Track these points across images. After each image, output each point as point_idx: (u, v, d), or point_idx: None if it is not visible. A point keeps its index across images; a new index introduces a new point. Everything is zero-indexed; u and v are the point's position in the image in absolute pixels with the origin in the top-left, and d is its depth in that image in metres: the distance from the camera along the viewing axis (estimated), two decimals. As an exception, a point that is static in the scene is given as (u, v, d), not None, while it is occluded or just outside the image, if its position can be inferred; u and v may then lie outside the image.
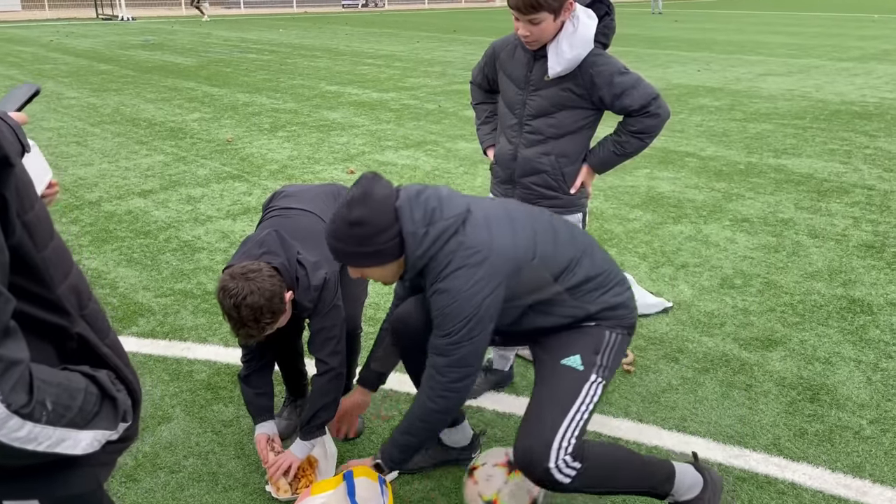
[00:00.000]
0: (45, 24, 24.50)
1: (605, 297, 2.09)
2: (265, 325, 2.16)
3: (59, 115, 8.73)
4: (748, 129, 8.04)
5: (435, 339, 1.98)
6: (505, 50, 2.63)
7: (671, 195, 5.66)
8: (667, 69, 13.12)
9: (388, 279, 2.06)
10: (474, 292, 1.91)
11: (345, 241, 1.93)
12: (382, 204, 1.91)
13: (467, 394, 2.03)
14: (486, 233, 1.95)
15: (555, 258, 2.03)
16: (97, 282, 4.04)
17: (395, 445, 2.09)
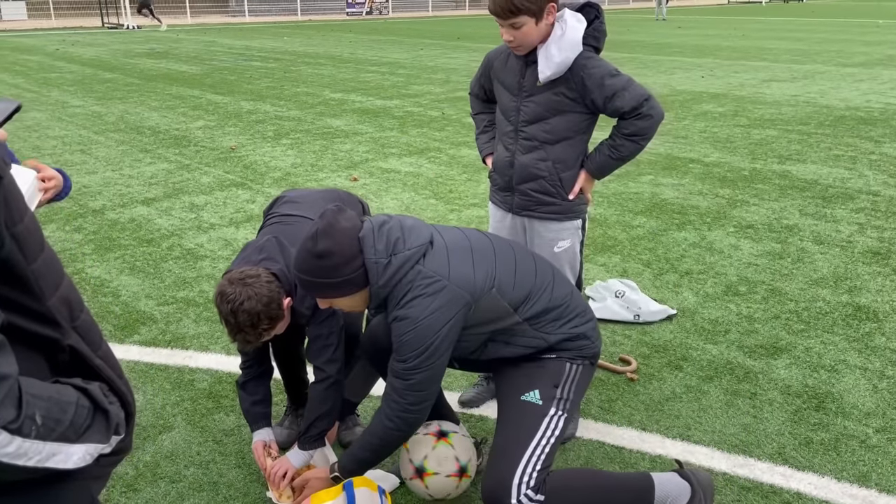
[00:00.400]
0: (51, 33, 24.63)
1: (564, 328, 2.15)
2: (262, 331, 2.16)
3: (64, 124, 8.76)
4: (752, 135, 8.02)
5: (394, 362, 2.05)
6: (498, 59, 2.66)
7: (675, 202, 5.64)
8: (671, 75, 13.12)
9: (355, 309, 2.13)
10: (432, 321, 1.97)
11: (312, 273, 2.00)
12: (346, 235, 1.98)
13: (423, 416, 2.10)
14: (445, 263, 2.02)
15: (514, 289, 2.09)
16: (100, 290, 4.04)
17: (353, 459, 2.18)
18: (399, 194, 5.88)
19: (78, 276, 4.23)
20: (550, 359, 2.14)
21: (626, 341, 3.46)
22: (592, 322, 2.24)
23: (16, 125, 8.65)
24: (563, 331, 2.15)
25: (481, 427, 2.82)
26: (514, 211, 2.71)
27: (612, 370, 3.19)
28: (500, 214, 2.79)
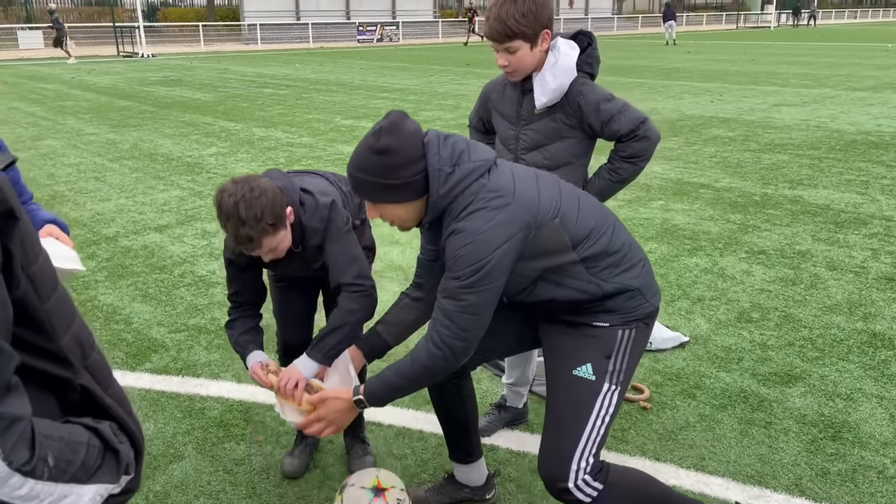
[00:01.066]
0: (67, 62, 25.02)
1: (620, 276, 1.99)
2: (266, 227, 2.08)
3: (79, 151, 8.87)
4: (763, 159, 8.01)
5: (446, 282, 1.89)
6: (495, 90, 2.70)
7: (686, 227, 5.63)
8: (680, 100, 13.16)
9: (406, 222, 1.99)
10: (491, 235, 1.84)
11: (368, 171, 1.88)
12: (411, 137, 1.88)
13: (472, 347, 1.94)
14: (510, 181, 1.91)
15: (576, 224, 1.95)
16: (112, 317, 4.06)
17: (385, 384, 2.00)
18: (410, 220, 5.90)
19: (91, 304, 4.25)
20: (602, 327, 2.00)
21: (639, 369, 3.43)
22: (650, 277, 2.07)
23: (32, 153, 8.77)
24: (619, 280, 1.99)
25: (493, 457, 2.80)
26: None
27: (625, 398, 3.16)
28: None
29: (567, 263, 1.96)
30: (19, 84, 17.32)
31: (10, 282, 0.87)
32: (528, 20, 2.35)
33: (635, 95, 13.72)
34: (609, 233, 2.01)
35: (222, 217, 2.08)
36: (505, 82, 2.64)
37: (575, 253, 1.95)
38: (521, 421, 3.03)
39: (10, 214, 0.88)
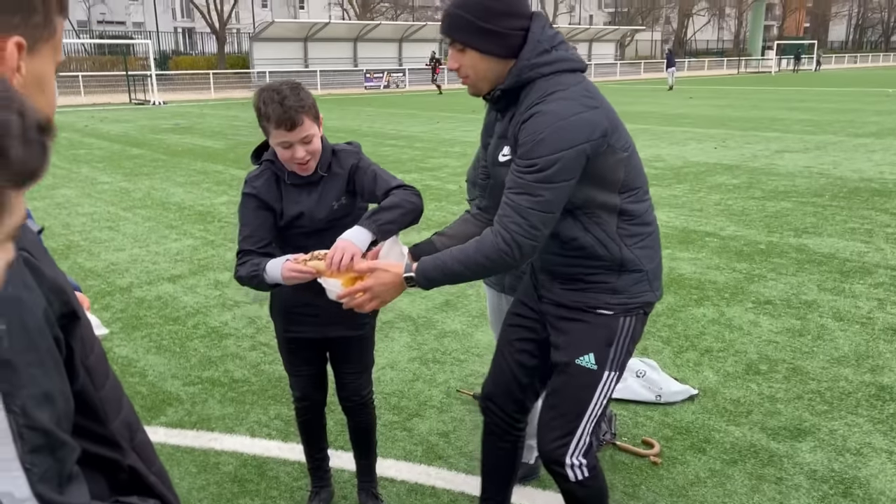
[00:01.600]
0: (80, 110, 25.51)
1: (640, 251, 2.03)
2: (309, 106, 2.20)
3: (93, 200, 9.02)
4: (767, 207, 8.10)
5: (519, 175, 1.85)
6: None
7: (692, 276, 5.69)
8: (684, 146, 13.32)
9: (481, 80, 1.96)
10: (576, 127, 1.82)
11: (470, 9, 1.86)
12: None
13: (538, 247, 1.92)
14: (598, 91, 1.93)
15: (634, 171, 1.99)
16: (127, 370, 4.11)
17: (439, 266, 1.96)
18: (419, 270, 5.97)
19: (107, 356, 4.31)
20: (605, 315, 2.04)
21: (649, 423, 3.46)
22: (660, 270, 2.12)
23: (46, 202, 8.92)
24: (637, 254, 2.02)
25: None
26: (506, 291, 2.82)
27: (636, 453, 3.19)
28: (494, 294, 2.91)
29: (606, 206, 1.97)
30: (34, 132, 17.64)
31: (72, 375, 0.94)
32: None
33: (640, 142, 13.90)
34: (648, 203, 2.06)
35: (266, 93, 2.21)
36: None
37: (619, 198, 1.97)
38: (534, 477, 3.05)
39: (73, 315, 0.96)
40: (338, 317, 2.54)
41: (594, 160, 1.88)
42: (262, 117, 2.27)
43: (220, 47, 46.21)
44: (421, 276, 1.97)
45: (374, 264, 2.04)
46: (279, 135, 2.24)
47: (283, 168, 2.38)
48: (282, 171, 2.39)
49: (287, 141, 2.26)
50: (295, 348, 2.63)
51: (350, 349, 2.63)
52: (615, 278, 2.03)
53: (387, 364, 4.15)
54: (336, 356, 2.68)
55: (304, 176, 2.37)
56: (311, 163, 2.33)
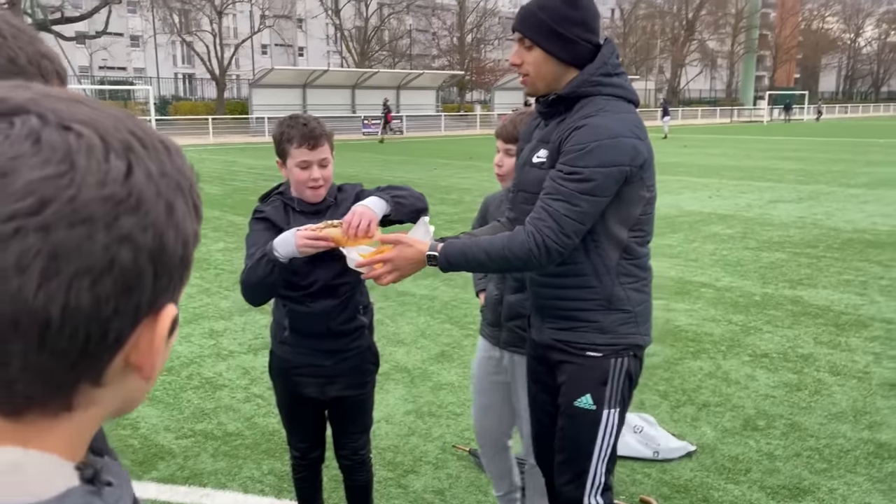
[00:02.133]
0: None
1: (632, 292, 2.08)
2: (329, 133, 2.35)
3: (89, 246, 9.02)
4: (762, 258, 8.15)
5: (561, 182, 1.89)
6: (493, 203, 2.88)
7: (688, 328, 5.69)
8: (678, 195, 13.44)
9: (540, 79, 2.02)
10: (624, 146, 1.89)
11: (547, 11, 1.94)
12: (597, 15, 2.01)
13: (563, 257, 1.96)
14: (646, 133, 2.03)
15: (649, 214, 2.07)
16: (119, 422, 4.07)
17: (462, 252, 2.00)
18: (414, 318, 5.96)
19: (98, 407, 4.26)
20: (594, 357, 2.08)
21: (647, 480, 3.42)
22: (649, 315, 2.19)
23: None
24: (628, 295, 2.07)
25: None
26: (502, 345, 2.84)
27: (634, 513, 3.14)
28: (489, 347, 2.93)
29: (614, 238, 2.02)
30: (32, 176, 17.73)
31: None
32: None
33: (634, 191, 14.01)
34: (649, 251, 2.15)
35: (289, 120, 2.34)
36: (502, 196, 2.77)
37: (627, 234, 2.03)
38: (531, 536, 3.00)
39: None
40: (340, 376, 2.54)
41: (624, 187, 1.95)
42: (284, 140, 2.33)
43: (219, 93, 46.81)
44: (444, 256, 2.00)
45: (399, 237, 2.06)
46: (300, 153, 2.31)
47: (293, 197, 2.43)
48: (291, 200, 2.43)
49: (307, 161, 2.32)
50: (295, 407, 2.61)
51: (350, 410, 2.62)
52: (602, 316, 2.07)
53: (382, 417, 4.12)
54: (336, 416, 2.66)
55: (313, 203, 2.40)
56: (322, 189, 2.38)
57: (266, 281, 2.28)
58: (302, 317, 2.47)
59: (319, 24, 67.24)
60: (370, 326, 2.65)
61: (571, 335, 2.13)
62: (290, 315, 2.51)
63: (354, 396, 2.59)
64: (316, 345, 2.50)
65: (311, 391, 2.54)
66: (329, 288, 2.28)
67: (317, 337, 2.48)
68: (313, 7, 61.52)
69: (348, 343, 2.54)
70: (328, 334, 2.48)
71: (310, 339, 2.49)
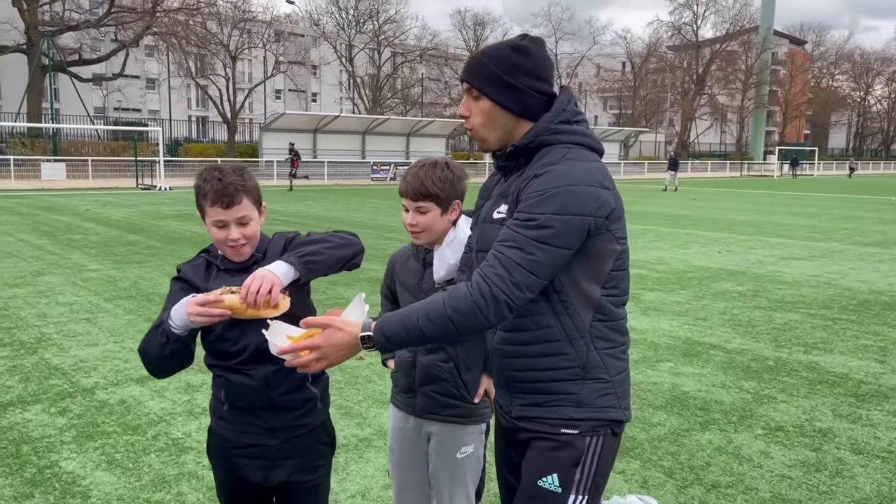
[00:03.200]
0: (86, 193, 25.69)
1: (609, 359, 1.90)
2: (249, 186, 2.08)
3: (77, 289, 8.75)
4: (774, 318, 7.77)
5: (516, 229, 1.75)
6: (399, 260, 2.73)
7: (697, 395, 5.30)
8: (687, 249, 13.12)
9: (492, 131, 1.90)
10: (586, 194, 1.75)
11: (495, 61, 1.84)
12: (550, 64, 1.91)
13: (513, 312, 1.75)
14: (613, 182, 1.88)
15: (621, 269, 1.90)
16: (69, 489, 3.70)
17: (398, 320, 1.77)
18: (405, 377, 5.60)
19: (50, 471, 3.91)
20: (569, 435, 1.87)
21: (648, 577, 3.03)
22: (627, 386, 1.98)
23: (28, 290, 8.65)
24: (605, 361, 1.89)
25: None
26: (417, 413, 2.61)
27: None
28: (402, 416, 2.68)
29: (585, 296, 1.85)
30: (34, 215, 17.62)
31: None
32: (445, 186, 2.45)
33: (642, 242, 13.72)
34: (625, 313, 1.96)
35: (206, 171, 2.06)
36: (409, 253, 2.66)
37: (600, 290, 1.86)
38: None
39: None
40: (287, 458, 2.21)
41: (589, 240, 1.81)
42: (199, 195, 2.08)
43: (230, 136, 47.22)
44: (379, 333, 1.76)
45: (328, 319, 1.83)
46: (214, 213, 2.05)
47: (217, 255, 2.16)
48: (215, 258, 2.17)
49: (222, 220, 2.06)
50: (236, 494, 2.27)
51: (301, 499, 2.27)
52: (579, 387, 1.88)
53: (357, 492, 3.75)
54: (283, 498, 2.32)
55: (237, 262, 2.12)
56: (245, 247, 2.11)
57: (162, 354, 2.01)
58: (238, 388, 2.15)
59: (333, 71, 68.25)
60: (323, 399, 2.32)
61: (543, 410, 1.91)
62: (224, 386, 2.19)
63: (305, 483, 2.25)
64: (257, 420, 2.17)
65: (254, 475, 2.21)
66: (264, 352, 1.94)
67: (257, 411, 2.16)
68: (327, 54, 62.49)
69: (296, 419, 2.22)
70: (269, 406, 2.17)
71: (249, 413, 2.17)
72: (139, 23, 43.38)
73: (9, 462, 4.00)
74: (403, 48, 63.04)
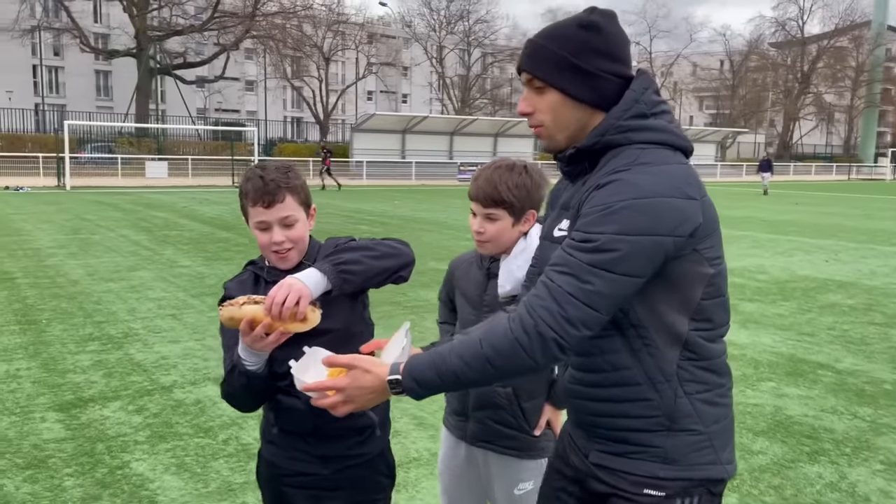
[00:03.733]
0: (185, 191, 26.72)
1: (702, 404, 1.56)
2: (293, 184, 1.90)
3: (166, 285, 8.94)
4: (892, 336, 7.07)
5: (570, 252, 1.44)
6: (460, 268, 2.45)
7: (804, 421, 4.81)
8: (790, 257, 12.30)
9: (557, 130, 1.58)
10: (663, 212, 1.41)
11: (560, 41, 1.51)
12: (624, 37, 1.56)
13: (565, 354, 1.43)
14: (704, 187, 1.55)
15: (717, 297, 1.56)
16: (136, 493, 3.65)
17: (430, 362, 1.48)
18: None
19: (121, 472, 3.87)
20: (654, 497, 1.55)
21: None
22: (730, 434, 1.63)
23: (122, 285, 8.90)
24: (698, 407, 1.56)
25: None
26: (469, 440, 2.33)
27: None
28: (453, 442, 2.41)
29: (669, 331, 1.52)
30: (135, 211, 18.39)
31: None
32: (521, 193, 2.14)
33: (738, 249, 12.97)
34: (724, 348, 1.62)
35: (248, 171, 1.90)
36: (472, 260, 2.40)
37: (688, 323, 1.52)
38: None
39: None
40: (340, 489, 2.00)
41: (671, 263, 1.47)
42: (242, 195, 1.91)
43: (322, 136, 48.27)
44: (409, 377, 1.49)
45: (354, 359, 1.57)
46: (256, 213, 1.88)
47: (264, 266, 1.98)
48: (261, 269, 1.99)
49: (264, 221, 1.87)
50: None
51: None
52: (664, 439, 1.56)
53: None
54: None
55: (284, 270, 1.91)
56: (291, 252, 1.92)
57: (248, 394, 1.88)
58: (288, 410, 1.96)
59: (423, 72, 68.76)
60: (383, 425, 2.09)
61: (623, 462, 1.59)
62: (275, 409, 2.00)
63: None
64: (306, 447, 1.98)
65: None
66: None
67: (306, 437, 1.97)
68: (418, 55, 63.03)
69: (350, 447, 2.02)
70: (318, 434, 1.97)
71: (299, 439, 1.99)
72: (239, 27, 45.00)
73: (82, 461, 3.99)
74: (493, 48, 62.81)
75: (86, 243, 12.37)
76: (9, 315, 7.21)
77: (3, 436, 4.29)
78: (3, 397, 4.93)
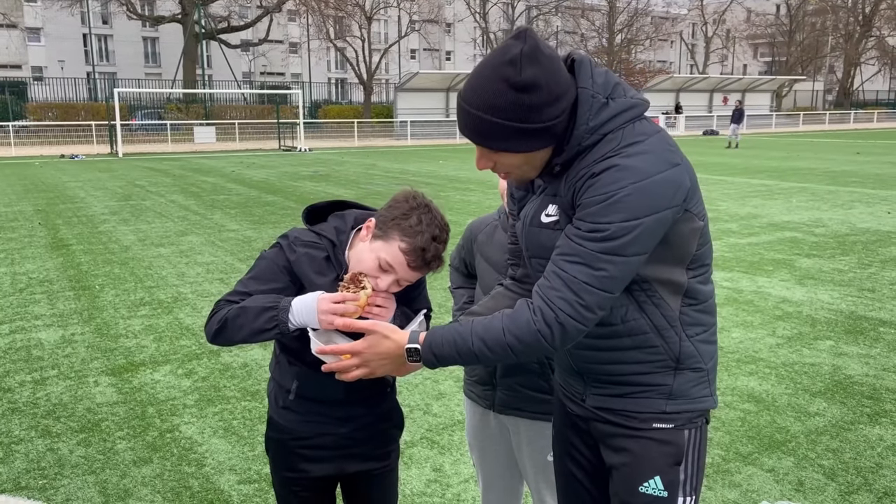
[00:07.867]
0: (232, 155, 27.00)
1: (702, 344, 1.68)
2: (437, 267, 1.93)
3: (215, 249, 9.06)
4: (960, 291, 6.74)
5: (578, 241, 1.49)
6: (483, 231, 2.36)
7: (864, 381, 4.62)
8: (849, 210, 11.82)
9: (528, 172, 1.60)
10: (660, 187, 1.47)
11: (502, 113, 1.47)
12: (555, 63, 1.48)
13: (582, 334, 1.53)
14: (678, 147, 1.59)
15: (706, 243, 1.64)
16: (185, 457, 3.71)
17: (450, 339, 1.57)
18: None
19: (170, 435, 3.94)
20: (665, 430, 1.68)
21: None
22: (716, 367, 1.76)
23: (172, 249, 9.05)
24: (699, 347, 1.67)
25: None
26: (497, 409, 2.28)
27: None
28: (480, 412, 2.36)
29: (671, 284, 1.62)
30: (185, 177, 18.67)
31: None
32: None
33: (796, 203, 12.51)
34: (712, 289, 1.71)
35: (428, 217, 1.87)
36: (496, 224, 2.32)
37: (686, 275, 1.62)
38: None
39: None
40: (358, 446, 2.00)
41: (670, 228, 1.56)
42: (400, 229, 1.80)
43: (366, 97, 48.13)
44: (428, 348, 1.59)
45: (374, 325, 1.66)
46: (396, 258, 1.79)
47: (343, 262, 1.90)
48: (339, 266, 1.90)
49: (394, 271, 1.82)
50: (299, 491, 2.05)
51: (371, 488, 2.08)
52: (671, 378, 1.67)
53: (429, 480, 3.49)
54: (352, 497, 2.12)
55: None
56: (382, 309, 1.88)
57: (251, 339, 1.81)
58: (314, 381, 1.91)
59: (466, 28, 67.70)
60: (393, 384, 2.12)
61: (629, 403, 1.69)
62: (298, 377, 1.96)
63: (378, 470, 2.06)
64: (328, 411, 1.96)
65: (321, 469, 2.00)
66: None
67: (330, 404, 1.94)
68: (461, 10, 61.98)
69: (370, 407, 2.02)
70: (346, 402, 1.96)
71: (320, 404, 1.96)
72: (281, -12, 44.76)
73: (134, 424, 4.08)
74: (538, 0, 61.35)
75: (137, 209, 12.62)
76: (64, 281, 7.40)
77: (58, 400, 4.41)
78: (58, 362, 5.07)
